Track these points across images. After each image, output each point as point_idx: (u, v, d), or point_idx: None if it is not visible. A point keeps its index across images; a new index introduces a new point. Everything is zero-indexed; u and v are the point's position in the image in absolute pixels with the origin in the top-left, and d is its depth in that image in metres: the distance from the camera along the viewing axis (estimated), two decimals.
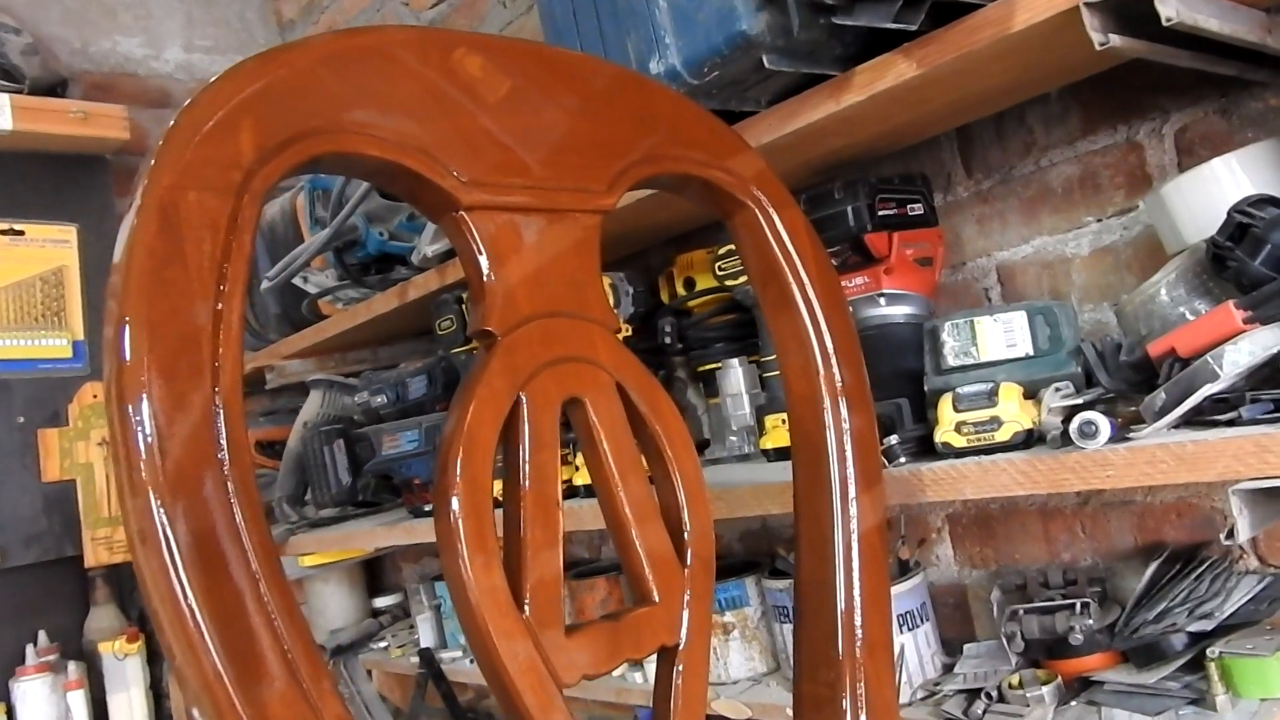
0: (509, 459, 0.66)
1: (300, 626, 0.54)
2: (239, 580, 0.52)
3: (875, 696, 0.81)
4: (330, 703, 0.54)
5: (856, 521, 0.82)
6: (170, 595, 0.50)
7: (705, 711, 0.72)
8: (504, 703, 0.63)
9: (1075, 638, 1.05)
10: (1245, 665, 0.96)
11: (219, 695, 0.50)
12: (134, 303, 0.51)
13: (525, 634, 0.63)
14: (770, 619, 1.34)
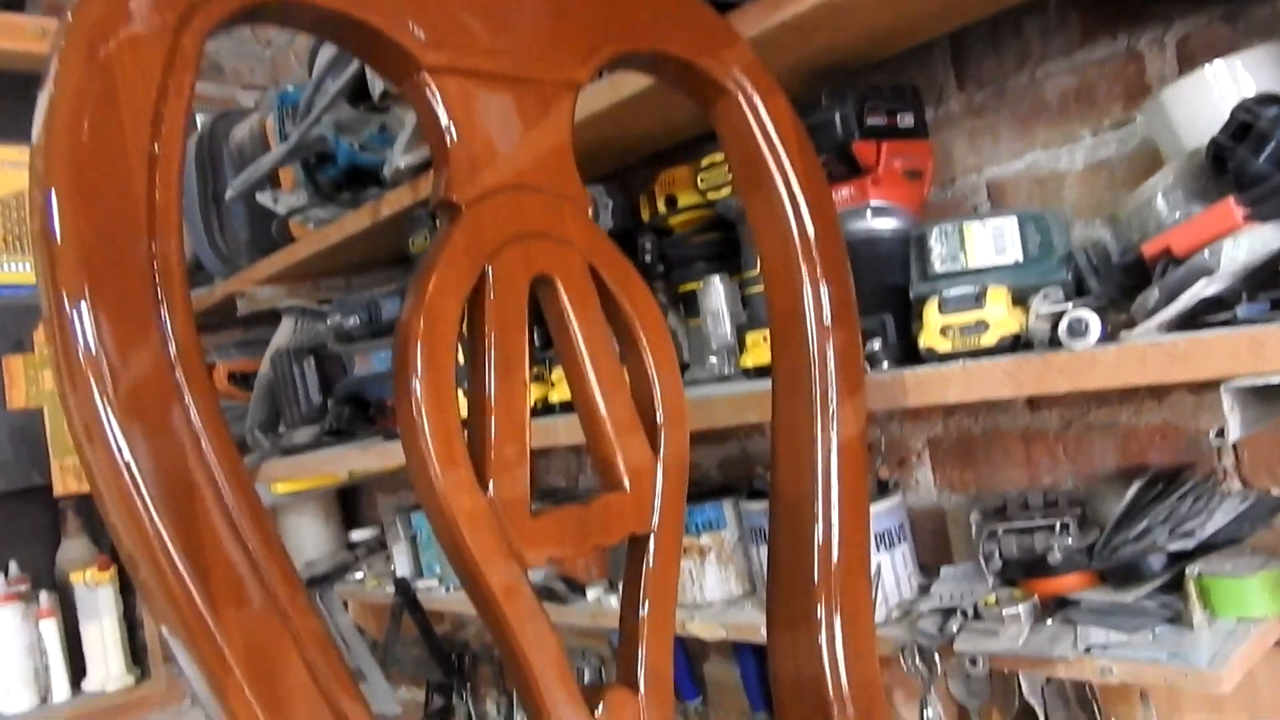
0: (474, 336, 0.63)
1: (274, 545, 0.51)
2: (203, 489, 0.49)
3: (851, 610, 0.79)
4: (307, 620, 0.52)
5: (837, 429, 0.80)
6: (131, 509, 0.48)
7: (675, 603, 0.69)
8: (469, 584, 0.61)
9: (1054, 557, 1.03)
10: (1224, 585, 0.95)
11: (190, 619, 0.48)
12: (60, 161, 0.48)
13: (489, 512, 0.60)
14: (747, 542, 1.33)
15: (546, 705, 0.62)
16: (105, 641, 1.81)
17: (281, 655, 0.50)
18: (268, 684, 0.49)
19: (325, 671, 0.51)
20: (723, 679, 1.56)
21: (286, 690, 0.50)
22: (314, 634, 0.51)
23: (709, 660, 1.58)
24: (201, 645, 0.48)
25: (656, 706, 0.67)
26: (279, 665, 0.50)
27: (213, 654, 0.48)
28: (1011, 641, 1.00)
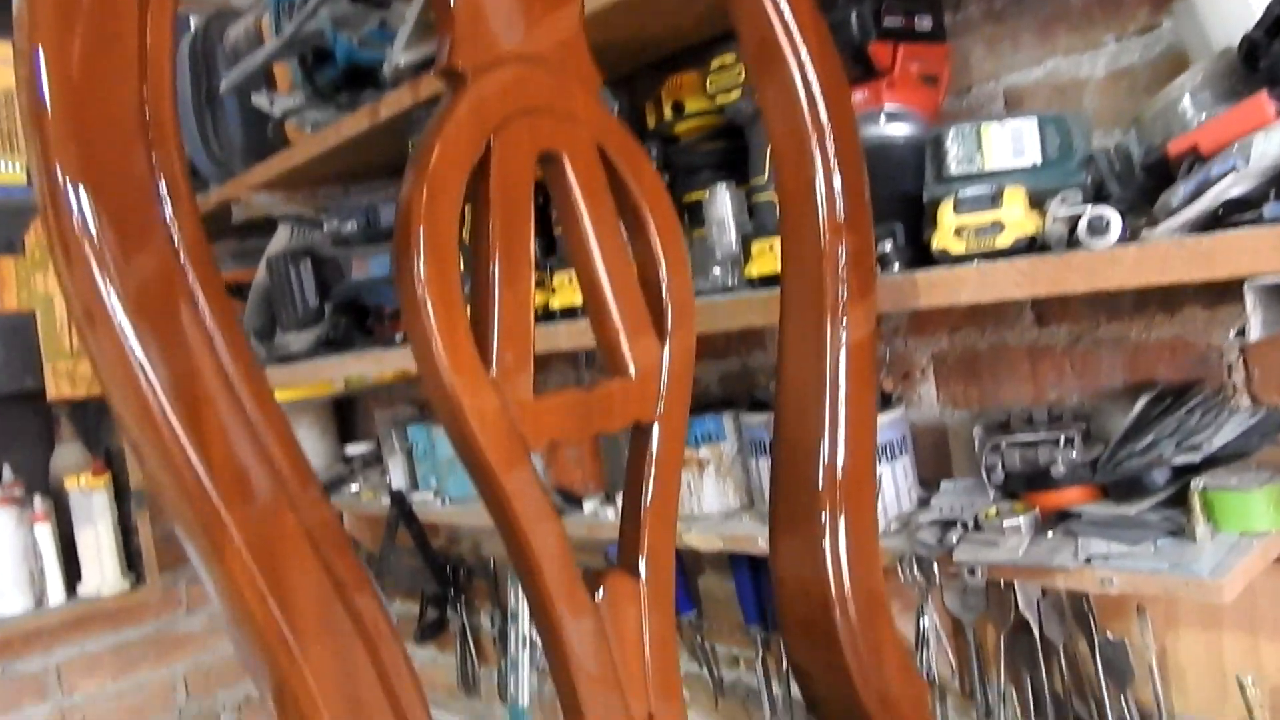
0: (477, 212, 0.61)
1: (286, 439, 0.50)
2: (213, 383, 0.48)
3: (855, 514, 0.78)
4: (319, 509, 0.50)
5: (847, 330, 0.78)
6: (143, 406, 0.46)
7: (678, 492, 0.68)
8: (471, 465, 0.60)
9: (1057, 470, 1.02)
10: (1228, 499, 0.94)
11: (202, 513, 0.46)
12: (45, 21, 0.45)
13: (491, 390, 0.59)
14: (746, 455, 1.32)
15: (548, 587, 0.61)
16: (100, 547, 1.82)
17: (294, 549, 0.49)
18: (279, 577, 0.48)
19: (339, 566, 0.49)
20: (718, 593, 1.56)
21: (298, 584, 0.48)
22: (328, 529, 0.50)
23: (704, 574, 1.58)
24: (214, 538, 0.47)
25: (657, 593, 0.66)
26: (291, 559, 0.49)
27: (227, 549, 0.47)
28: (1011, 552, 0.99)
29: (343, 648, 0.48)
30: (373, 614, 0.49)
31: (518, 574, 0.63)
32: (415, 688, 0.51)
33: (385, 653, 0.50)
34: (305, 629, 0.47)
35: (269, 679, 0.48)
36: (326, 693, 0.47)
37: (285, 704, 0.47)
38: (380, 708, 0.49)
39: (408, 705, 0.50)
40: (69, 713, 2.02)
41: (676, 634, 0.68)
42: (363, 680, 0.49)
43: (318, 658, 0.47)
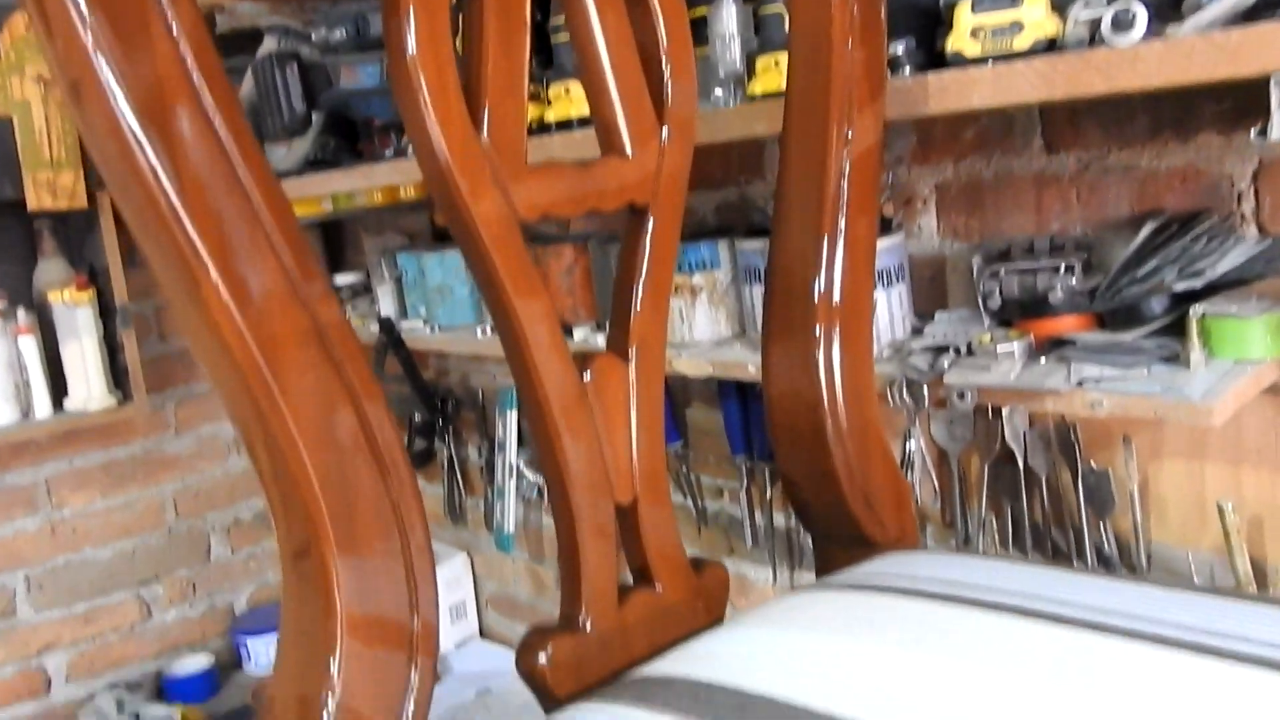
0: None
1: (294, 231, 0.47)
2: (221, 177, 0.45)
3: (851, 327, 0.77)
4: (326, 306, 0.48)
5: (853, 136, 0.75)
6: (152, 202, 0.44)
7: (671, 279, 0.67)
8: (460, 233, 0.57)
9: (1055, 296, 1.01)
10: (1226, 325, 0.93)
11: (210, 305, 0.44)
12: None
13: (481, 154, 0.56)
14: (740, 283, 1.30)
15: (535, 363, 0.60)
16: (86, 362, 1.81)
17: (297, 333, 0.47)
18: (279, 358, 0.46)
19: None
20: (705, 424, 1.57)
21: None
22: (333, 318, 0.48)
23: (692, 406, 1.59)
24: (223, 332, 0.45)
25: (646, 380, 0.65)
26: (294, 342, 0.47)
27: (233, 338, 0.45)
28: (1002, 376, 0.99)
29: (323, 391, 0.47)
30: (355, 362, 0.48)
31: (506, 351, 0.61)
32: (396, 439, 0.50)
33: (369, 407, 0.49)
34: (286, 371, 0.46)
35: (249, 422, 0.47)
36: (306, 435, 0.46)
37: (265, 444, 0.46)
38: (360, 451, 0.48)
39: (386, 450, 0.49)
40: (59, 525, 2.05)
41: (664, 426, 0.67)
42: (343, 426, 0.48)
43: (297, 401, 0.46)
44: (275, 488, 0.48)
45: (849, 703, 0.47)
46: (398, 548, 0.50)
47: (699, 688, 0.52)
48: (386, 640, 0.50)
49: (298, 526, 0.47)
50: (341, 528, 0.47)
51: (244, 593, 2.31)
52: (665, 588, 0.67)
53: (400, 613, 0.50)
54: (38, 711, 2.05)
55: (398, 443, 0.51)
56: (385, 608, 0.50)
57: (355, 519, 0.48)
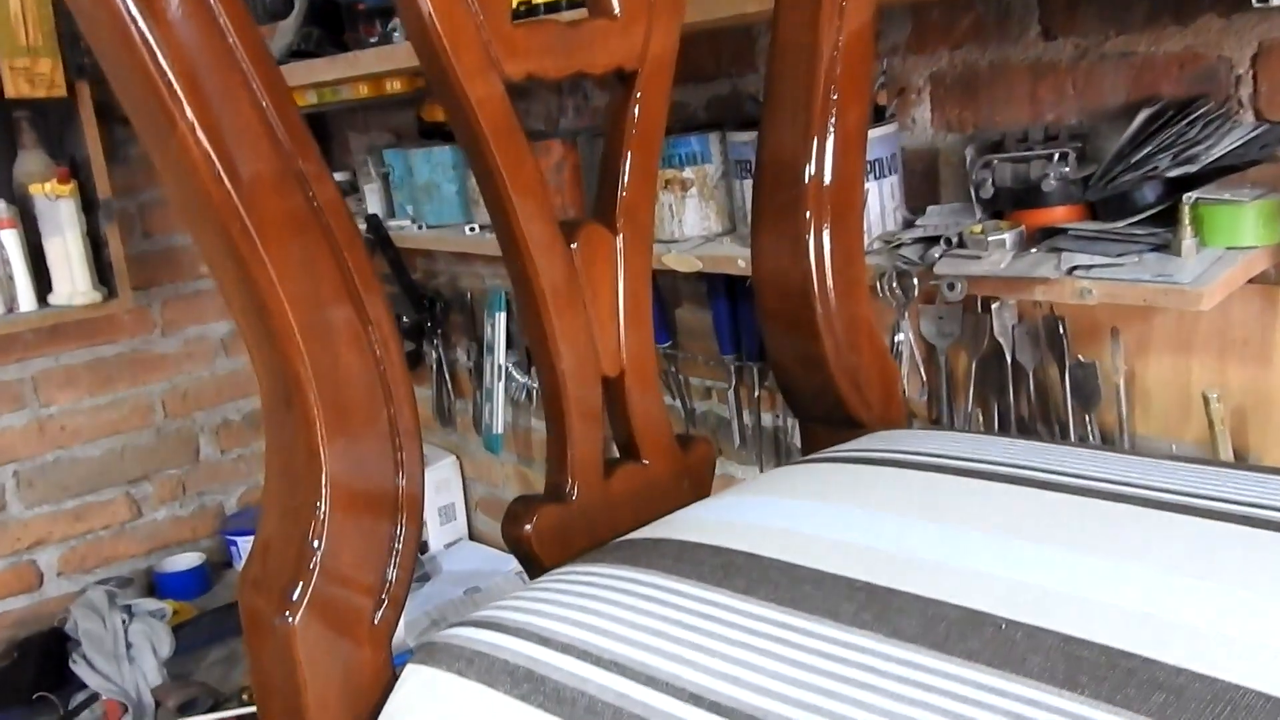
0: None
1: (296, 127, 0.45)
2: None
3: (841, 212, 0.76)
4: (324, 186, 0.46)
5: (844, 17, 0.73)
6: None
7: (659, 148, 0.65)
8: (445, 96, 0.56)
9: (1048, 184, 1.00)
10: (1218, 212, 0.92)
11: (209, 187, 0.42)
12: None
13: (466, 11, 0.54)
14: (731, 177, 1.28)
15: (523, 232, 0.59)
16: (69, 256, 1.78)
17: (248, 130, 0.45)
18: (233, 163, 0.45)
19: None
20: (694, 324, 1.57)
21: (254, 170, 0.45)
22: (333, 207, 0.47)
23: (681, 306, 1.58)
24: (223, 217, 0.43)
25: (633, 250, 0.64)
26: (246, 144, 0.45)
27: (234, 226, 0.43)
28: (993, 265, 0.98)
29: (303, 239, 0.46)
30: (334, 206, 0.47)
31: (494, 220, 0.60)
32: (378, 290, 0.49)
33: (350, 255, 0.48)
34: (265, 218, 0.44)
35: (227, 270, 0.46)
36: (286, 283, 0.45)
37: (243, 293, 0.45)
38: (340, 302, 0.47)
39: (370, 304, 0.48)
40: (46, 423, 2.05)
41: (651, 297, 0.66)
42: (324, 276, 0.47)
43: (277, 251, 0.45)
44: (258, 346, 0.47)
45: (837, 561, 0.48)
46: (382, 410, 0.49)
47: (685, 548, 0.52)
48: (371, 505, 0.50)
49: (279, 382, 0.46)
50: (326, 383, 0.47)
51: (234, 493, 2.32)
52: (652, 462, 0.67)
53: (385, 479, 0.50)
54: (30, 605, 2.08)
55: (383, 302, 0.50)
56: (370, 473, 0.50)
57: (339, 375, 0.47)
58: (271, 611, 0.47)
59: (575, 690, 0.42)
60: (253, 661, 0.50)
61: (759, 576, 0.48)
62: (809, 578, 0.47)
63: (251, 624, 0.50)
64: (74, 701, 1.71)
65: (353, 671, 0.49)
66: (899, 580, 0.45)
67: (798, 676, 0.40)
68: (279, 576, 0.48)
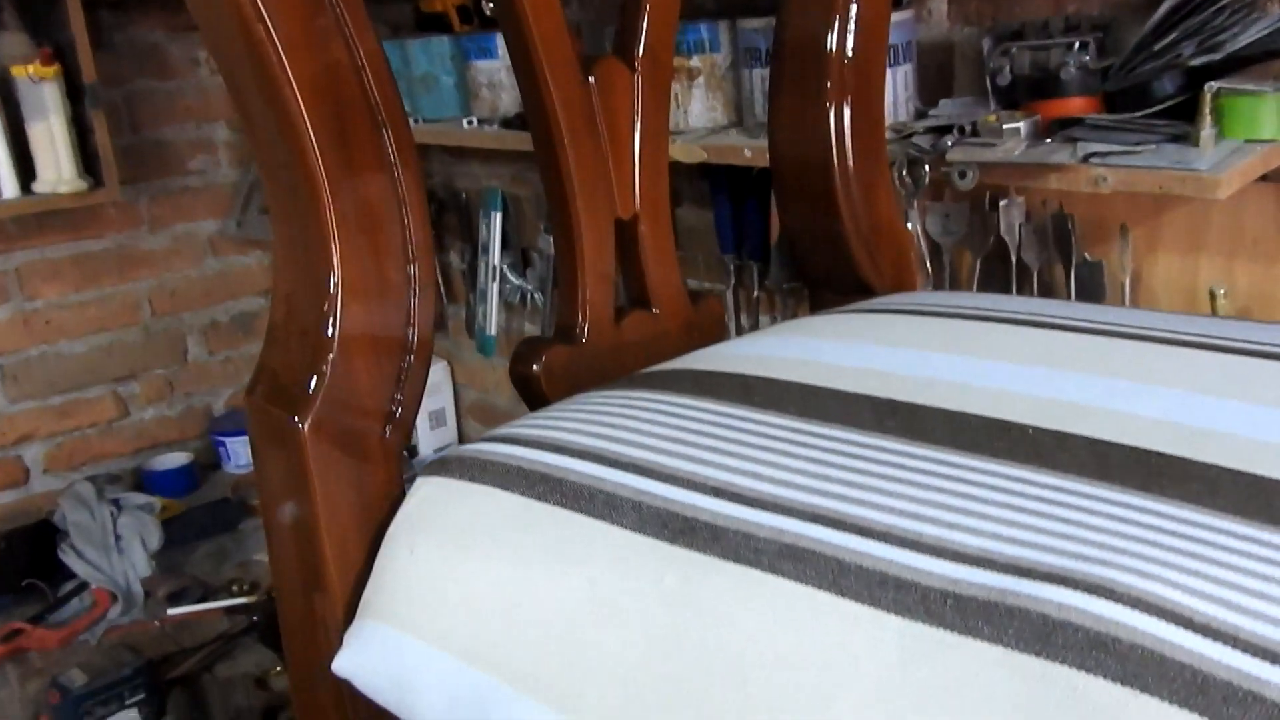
0: None
1: None
2: None
3: (862, 91, 0.74)
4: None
5: None
6: None
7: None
8: None
9: (1067, 73, 0.98)
10: (1239, 103, 0.91)
11: None
12: None
13: None
14: (740, 67, 1.26)
15: (541, 63, 0.57)
16: (54, 142, 1.74)
17: None
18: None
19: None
20: (695, 223, 1.55)
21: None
22: None
23: (682, 205, 1.56)
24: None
25: (652, 91, 0.62)
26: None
27: None
28: (1007, 152, 0.97)
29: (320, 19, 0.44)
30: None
31: (511, 54, 0.58)
32: (396, 101, 0.47)
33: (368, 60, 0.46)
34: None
35: (239, 53, 0.44)
36: (297, 62, 0.43)
37: (254, 77, 0.43)
38: (356, 101, 0.45)
39: (388, 111, 0.47)
40: (31, 316, 2.02)
41: (668, 143, 0.64)
42: (341, 66, 0.45)
43: (292, 27, 0.43)
44: (266, 135, 0.46)
45: (858, 383, 0.47)
46: (397, 217, 0.48)
47: (700, 375, 0.51)
48: (383, 316, 0.48)
49: (289, 175, 0.45)
50: (341, 184, 0.45)
51: (222, 396, 2.31)
52: (662, 312, 0.66)
53: (398, 290, 0.49)
54: (16, 501, 2.07)
55: (401, 113, 0.48)
56: (383, 283, 0.48)
57: (353, 172, 0.45)
58: (282, 419, 0.46)
59: (592, 488, 0.41)
60: (262, 476, 0.50)
61: (778, 394, 0.47)
62: (830, 395, 0.46)
63: (261, 435, 0.49)
64: (63, 590, 1.71)
65: (364, 482, 0.48)
66: (922, 397, 0.44)
67: (822, 472, 0.39)
68: (289, 387, 0.47)
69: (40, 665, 1.54)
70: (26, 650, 1.58)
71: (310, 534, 0.48)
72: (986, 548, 0.32)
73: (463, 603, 0.40)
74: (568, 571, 0.38)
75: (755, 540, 0.35)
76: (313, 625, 0.50)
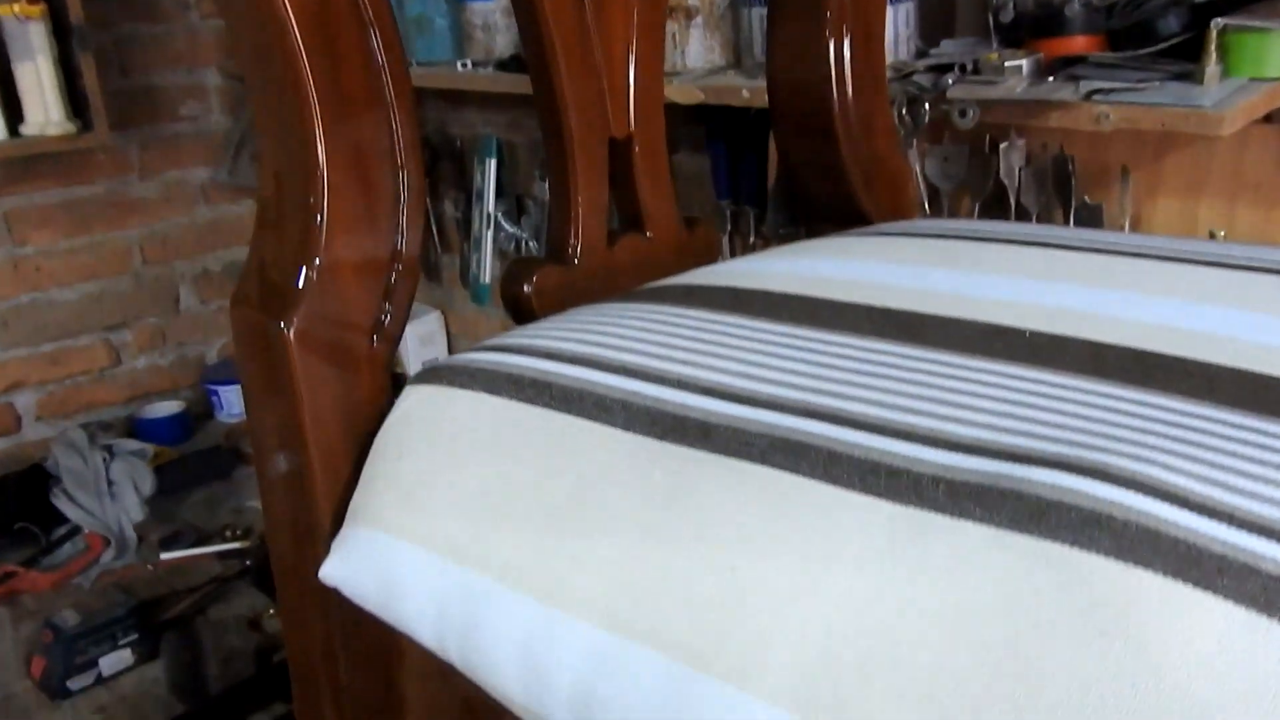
0: None
1: None
2: None
3: (862, 22, 0.73)
4: None
5: None
6: None
7: None
8: None
9: (1071, 10, 0.97)
10: (1246, 40, 0.90)
11: None
12: None
13: None
14: (738, 6, 1.24)
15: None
16: (42, 84, 1.71)
17: None
18: None
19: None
20: (690, 169, 1.53)
21: None
22: None
23: (679, 152, 1.54)
24: None
25: (647, 3, 0.61)
26: None
27: None
28: (1008, 90, 0.95)
29: None
30: None
31: None
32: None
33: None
34: None
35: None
36: None
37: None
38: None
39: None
40: (22, 262, 2.01)
41: (664, 66, 0.63)
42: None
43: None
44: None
45: (854, 294, 0.46)
46: (384, 99, 0.47)
47: (692, 289, 0.51)
48: (369, 213, 0.47)
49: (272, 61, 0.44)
50: (321, 62, 0.44)
51: (214, 345, 2.30)
52: (655, 235, 0.65)
53: (385, 181, 0.48)
54: (8, 448, 2.06)
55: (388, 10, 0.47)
56: (369, 170, 0.47)
57: (337, 52, 0.44)
58: (267, 323, 0.45)
59: (582, 391, 0.40)
60: (247, 383, 0.49)
61: (774, 304, 0.46)
62: (826, 305, 0.45)
63: (246, 340, 0.48)
64: (56, 534, 1.71)
65: (350, 391, 0.47)
66: (920, 307, 0.44)
67: (816, 373, 0.38)
68: (277, 285, 0.46)
69: (34, 607, 1.54)
70: (20, 592, 1.58)
71: (297, 444, 0.47)
72: (981, 437, 0.32)
73: (450, 503, 0.40)
74: (555, 469, 0.37)
75: (746, 435, 0.35)
76: (299, 537, 0.49)
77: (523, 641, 0.35)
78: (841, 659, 0.27)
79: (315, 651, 0.52)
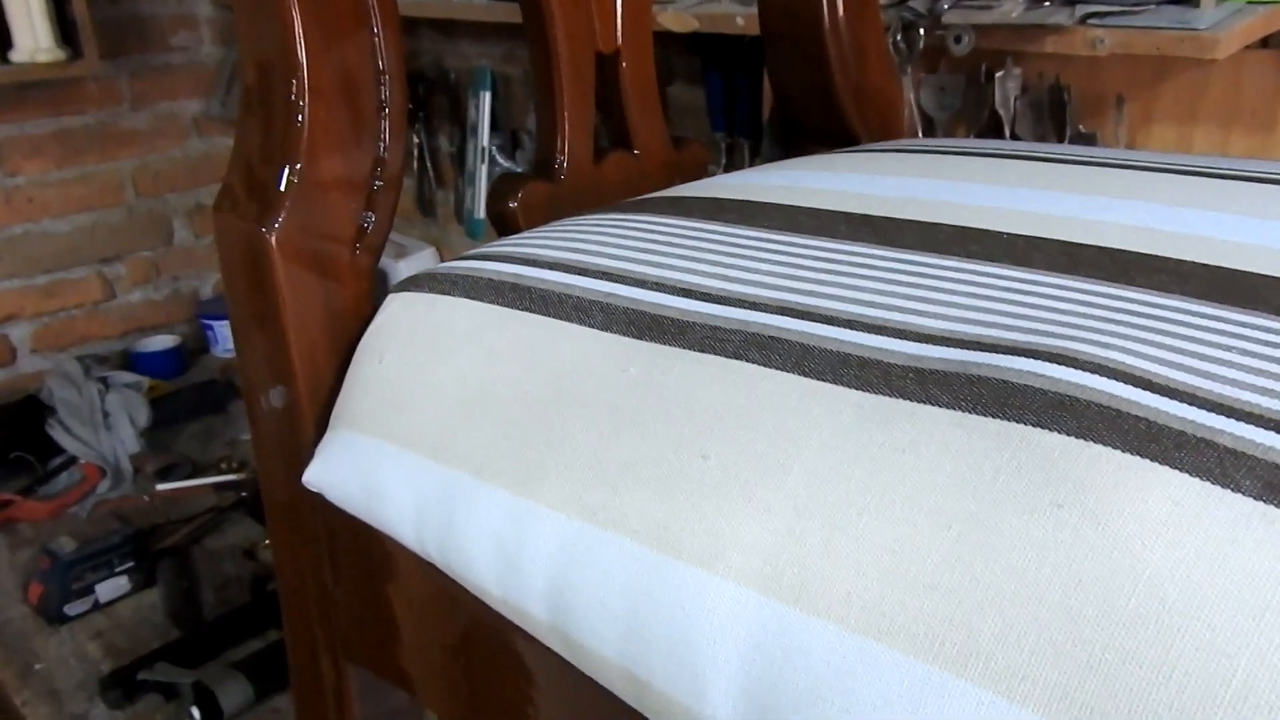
0: None
1: None
2: None
3: None
4: None
5: None
6: None
7: None
8: None
9: None
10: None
11: None
12: None
13: None
14: None
15: None
16: (30, 10, 1.69)
17: None
18: None
19: None
20: (685, 102, 1.52)
21: None
22: None
23: (674, 84, 1.53)
24: None
25: None
26: None
27: None
28: (1004, 14, 0.94)
29: None
30: None
31: None
32: None
33: None
34: None
35: None
36: None
37: None
38: None
39: None
40: (13, 193, 1.99)
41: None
42: None
43: None
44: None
45: (833, 201, 0.46)
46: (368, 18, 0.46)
47: (675, 200, 0.50)
48: (352, 118, 0.47)
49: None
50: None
51: (209, 280, 2.29)
52: (643, 153, 0.65)
53: (366, 86, 0.47)
54: (4, 378, 2.07)
55: None
56: (353, 78, 0.47)
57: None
58: (250, 232, 0.45)
59: (561, 294, 0.40)
60: (230, 291, 0.49)
61: (753, 212, 0.46)
62: (805, 212, 0.45)
63: (228, 247, 0.48)
64: (52, 464, 1.72)
65: (332, 299, 0.47)
66: (898, 213, 0.44)
67: (791, 274, 0.38)
68: (257, 190, 0.46)
69: (30, 535, 1.56)
70: (16, 521, 1.59)
71: (281, 352, 0.47)
72: (951, 329, 0.32)
73: (430, 404, 0.40)
74: (533, 367, 0.38)
75: (721, 332, 0.35)
76: (284, 446, 0.50)
77: (497, 534, 0.35)
78: (806, 538, 0.28)
79: (304, 565, 0.53)
